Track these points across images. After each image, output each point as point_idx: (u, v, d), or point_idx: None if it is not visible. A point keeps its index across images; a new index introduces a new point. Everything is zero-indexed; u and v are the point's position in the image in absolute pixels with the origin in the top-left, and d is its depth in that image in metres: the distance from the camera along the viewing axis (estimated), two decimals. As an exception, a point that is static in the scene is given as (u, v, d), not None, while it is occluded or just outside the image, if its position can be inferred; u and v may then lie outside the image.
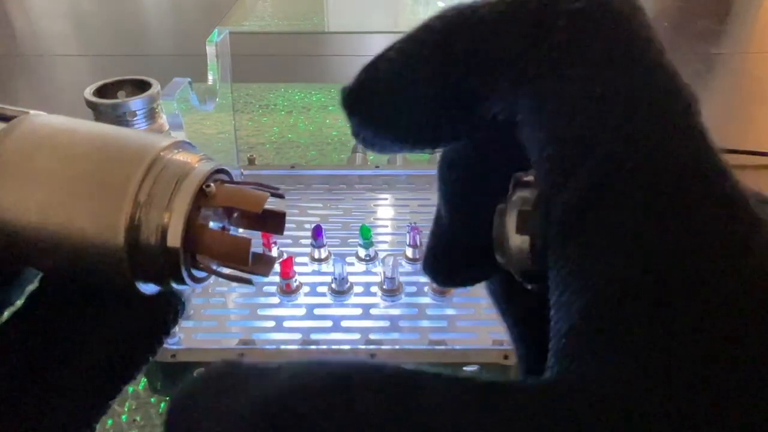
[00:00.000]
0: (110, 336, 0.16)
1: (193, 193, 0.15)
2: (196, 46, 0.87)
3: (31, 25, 1.69)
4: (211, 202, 0.15)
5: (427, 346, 0.52)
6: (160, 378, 0.46)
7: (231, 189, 0.16)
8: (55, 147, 0.15)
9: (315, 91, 1.05)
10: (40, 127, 0.16)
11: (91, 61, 1.40)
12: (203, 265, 0.16)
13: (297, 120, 0.96)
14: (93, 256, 0.15)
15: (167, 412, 0.11)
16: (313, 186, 0.70)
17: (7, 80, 1.28)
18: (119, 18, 1.71)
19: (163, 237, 0.15)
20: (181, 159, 0.15)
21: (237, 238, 0.16)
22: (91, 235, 0.15)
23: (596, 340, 0.09)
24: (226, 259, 0.16)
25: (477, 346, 0.51)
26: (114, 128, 0.16)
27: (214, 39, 0.80)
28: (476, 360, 0.49)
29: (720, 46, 1.48)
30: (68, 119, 0.16)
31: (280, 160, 0.85)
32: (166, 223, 0.15)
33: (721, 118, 1.07)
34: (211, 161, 0.16)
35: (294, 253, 0.58)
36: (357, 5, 1.06)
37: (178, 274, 0.15)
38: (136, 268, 0.15)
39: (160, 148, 0.15)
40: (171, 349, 0.45)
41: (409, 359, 0.49)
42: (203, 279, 0.16)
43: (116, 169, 0.15)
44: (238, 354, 0.45)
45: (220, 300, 0.54)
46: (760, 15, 1.71)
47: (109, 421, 0.47)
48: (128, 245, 0.15)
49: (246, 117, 0.97)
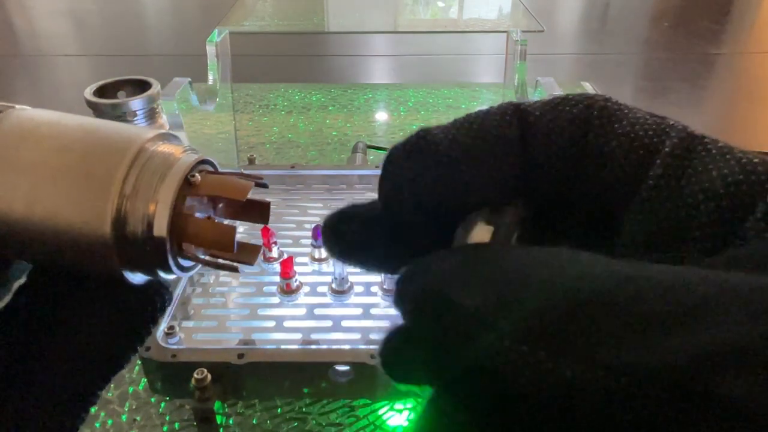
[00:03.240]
0: (98, 326, 0.16)
1: (178, 183, 0.15)
2: (196, 46, 0.87)
3: (31, 25, 1.69)
4: (196, 192, 0.15)
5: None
6: (160, 378, 0.46)
7: (216, 178, 0.16)
8: (40, 139, 0.15)
9: (315, 91, 1.05)
10: (25, 120, 0.16)
11: (91, 61, 1.40)
12: (189, 253, 0.16)
13: (297, 120, 0.96)
14: (80, 247, 0.15)
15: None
16: (313, 186, 0.70)
17: (7, 80, 1.28)
18: (119, 18, 1.71)
19: (149, 227, 0.15)
20: (165, 150, 0.16)
21: (222, 225, 0.16)
22: (78, 226, 0.15)
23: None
24: (211, 246, 0.16)
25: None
26: (99, 121, 0.16)
27: (214, 39, 0.80)
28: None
29: (720, 46, 1.48)
30: (54, 113, 0.16)
31: (280, 160, 0.85)
32: (152, 213, 0.15)
33: (721, 118, 1.07)
34: (195, 152, 0.16)
35: (294, 253, 0.58)
36: (357, 5, 1.06)
37: (165, 263, 0.15)
38: (123, 257, 0.15)
39: (145, 140, 0.15)
40: (171, 349, 0.45)
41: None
42: (190, 268, 0.17)
43: (102, 160, 0.15)
44: (238, 354, 0.45)
45: (220, 300, 0.54)
46: (760, 15, 1.71)
47: (109, 421, 0.47)
48: (115, 235, 0.15)
49: (246, 117, 0.97)
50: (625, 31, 1.70)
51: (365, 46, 1.48)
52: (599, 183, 0.13)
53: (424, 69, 1.41)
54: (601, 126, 0.13)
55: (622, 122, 0.13)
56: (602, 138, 0.13)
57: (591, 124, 0.14)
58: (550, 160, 0.14)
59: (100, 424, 0.47)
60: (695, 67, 1.30)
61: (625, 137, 0.13)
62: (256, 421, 0.47)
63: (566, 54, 1.53)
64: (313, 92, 1.05)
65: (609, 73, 1.35)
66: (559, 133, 0.14)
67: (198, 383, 0.43)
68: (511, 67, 0.85)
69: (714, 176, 0.12)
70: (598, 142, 0.13)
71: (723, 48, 1.45)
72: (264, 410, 0.48)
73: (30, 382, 0.15)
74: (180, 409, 0.48)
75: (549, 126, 0.14)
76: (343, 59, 1.38)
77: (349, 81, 1.25)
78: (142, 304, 0.17)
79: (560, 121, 0.14)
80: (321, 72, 1.30)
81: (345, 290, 0.55)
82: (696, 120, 1.09)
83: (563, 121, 0.14)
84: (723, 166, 0.12)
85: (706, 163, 0.12)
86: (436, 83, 1.11)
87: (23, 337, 0.16)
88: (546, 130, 0.14)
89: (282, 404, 0.48)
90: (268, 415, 0.47)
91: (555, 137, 0.14)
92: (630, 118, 0.13)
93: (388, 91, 1.10)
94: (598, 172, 0.13)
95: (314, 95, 1.04)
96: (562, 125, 0.14)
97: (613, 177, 0.13)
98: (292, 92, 1.05)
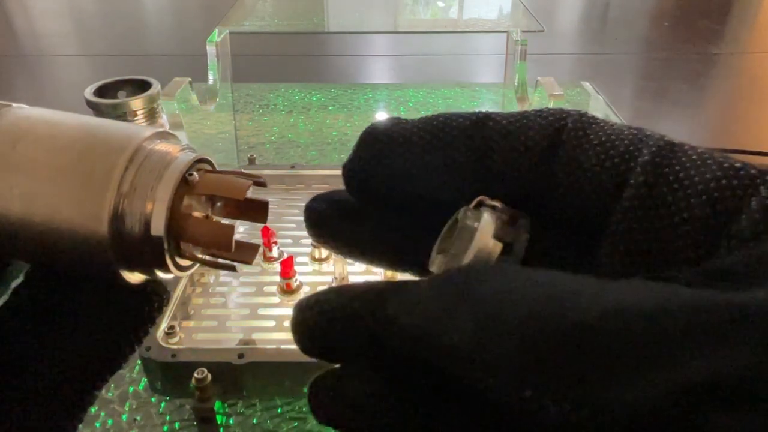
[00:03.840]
0: (95, 326, 0.16)
1: (175, 182, 0.15)
2: (196, 46, 0.87)
3: (31, 25, 1.69)
4: (193, 191, 0.15)
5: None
6: (160, 378, 0.46)
7: (213, 177, 0.16)
8: (38, 138, 0.15)
9: (315, 91, 1.05)
10: (23, 119, 0.16)
11: (91, 61, 1.40)
12: (187, 252, 0.16)
13: (297, 120, 0.96)
14: (77, 246, 0.15)
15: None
16: (313, 186, 0.70)
17: (7, 80, 1.28)
18: (119, 18, 1.71)
19: (146, 226, 0.15)
20: (163, 149, 0.15)
21: (220, 224, 0.16)
22: (75, 225, 0.15)
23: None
24: (209, 245, 0.16)
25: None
26: (97, 119, 0.16)
27: (214, 39, 0.80)
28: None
29: (720, 46, 1.48)
30: (51, 111, 0.16)
31: (280, 160, 0.85)
32: (150, 212, 0.15)
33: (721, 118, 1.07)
34: (193, 151, 0.16)
35: (294, 253, 0.58)
36: (357, 5, 1.06)
37: (163, 263, 0.15)
38: (120, 257, 0.15)
39: (143, 139, 0.15)
40: (171, 349, 0.45)
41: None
42: (188, 267, 0.17)
43: (99, 159, 0.15)
44: (238, 354, 0.45)
45: (220, 300, 0.54)
46: (760, 15, 1.71)
47: (109, 421, 0.47)
48: (112, 235, 0.15)
49: (246, 117, 0.97)
50: (625, 31, 1.70)
51: (365, 46, 1.48)
52: (574, 195, 0.13)
53: (424, 69, 1.41)
54: (576, 137, 0.13)
55: (597, 132, 0.13)
56: (577, 148, 0.13)
57: (564, 134, 0.13)
58: (513, 170, 0.13)
59: (100, 424, 0.47)
60: (695, 67, 1.30)
61: (600, 146, 0.13)
62: (256, 421, 0.47)
63: (566, 54, 1.53)
64: (313, 92, 1.05)
65: (609, 73, 1.35)
66: (524, 142, 0.13)
67: (198, 383, 0.43)
68: (511, 67, 0.85)
69: (696, 181, 0.12)
70: (572, 152, 0.13)
71: (723, 48, 1.45)
72: (264, 410, 0.48)
73: (27, 382, 0.15)
74: (180, 409, 0.48)
75: (514, 135, 0.13)
76: (343, 59, 1.39)
77: (349, 81, 1.25)
78: (139, 303, 0.17)
79: (528, 130, 0.13)
80: (321, 72, 1.30)
81: (345, 290, 0.55)
82: (696, 120, 1.09)
83: (531, 131, 0.13)
84: (705, 171, 0.12)
85: (688, 169, 0.12)
86: (436, 83, 1.11)
87: (20, 336, 0.16)
88: (510, 139, 0.13)
89: (282, 404, 0.48)
90: (268, 415, 0.47)
91: (520, 146, 0.13)
92: (605, 129, 0.13)
93: (388, 91, 1.10)
94: (573, 184, 0.13)
95: (314, 95, 1.04)
96: (530, 135, 0.13)
97: (589, 188, 0.13)
98: (292, 92, 1.05)
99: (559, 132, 0.13)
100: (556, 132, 0.13)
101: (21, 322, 0.16)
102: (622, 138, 0.13)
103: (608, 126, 0.13)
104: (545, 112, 0.14)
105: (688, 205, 0.12)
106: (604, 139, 0.13)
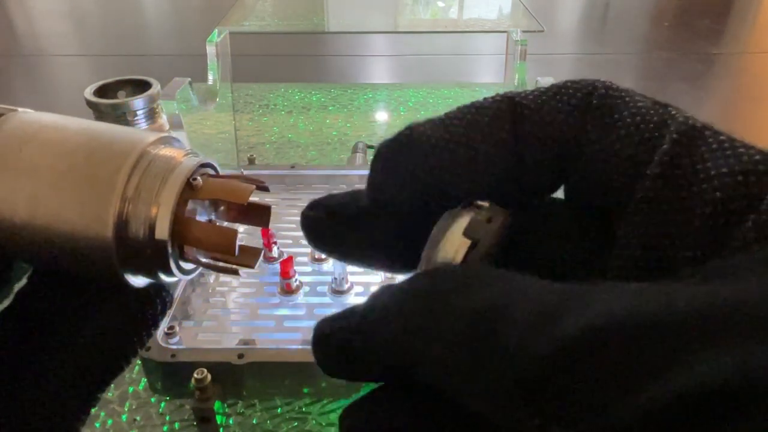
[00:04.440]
0: (99, 329, 0.16)
1: (179, 186, 0.15)
2: (196, 46, 0.87)
3: (31, 25, 1.69)
4: (197, 195, 0.15)
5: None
6: (160, 378, 0.46)
7: (217, 182, 0.16)
8: (43, 142, 0.15)
9: (315, 91, 1.05)
10: (28, 124, 0.16)
11: (91, 61, 1.40)
12: (191, 256, 0.16)
13: (297, 120, 0.96)
14: (82, 250, 0.15)
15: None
16: (313, 186, 0.70)
17: (7, 80, 1.28)
18: (119, 18, 1.71)
19: (151, 230, 0.15)
20: (167, 153, 0.16)
21: (223, 228, 0.16)
22: (80, 229, 0.15)
23: None
24: (213, 249, 0.16)
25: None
26: (101, 124, 0.16)
27: (214, 39, 0.80)
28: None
29: (720, 46, 1.48)
30: (56, 116, 0.16)
31: (280, 160, 0.85)
32: (154, 217, 0.15)
33: (721, 118, 1.07)
34: (197, 155, 0.16)
35: (294, 253, 0.58)
36: (357, 5, 1.06)
37: (167, 266, 0.15)
38: (124, 260, 0.15)
39: (147, 143, 0.15)
40: (171, 349, 0.45)
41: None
42: (191, 271, 0.17)
43: (104, 163, 0.15)
44: (238, 354, 0.45)
45: (221, 300, 0.54)
46: (760, 15, 1.71)
47: (109, 421, 0.47)
48: (117, 238, 0.15)
49: (246, 117, 0.97)
50: (626, 31, 1.70)
51: (365, 46, 1.48)
52: (595, 183, 0.13)
53: (424, 69, 1.41)
54: (601, 117, 0.13)
55: (622, 113, 0.13)
56: (600, 131, 0.13)
57: (589, 116, 0.13)
58: (543, 157, 0.13)
59: (100, 424, 0.47)
60: (695, 67, 1.30)
61: (624, 130, 0.13)
62: (256, 421, 0.47)
63: (566, 54, 1.53)
64: (313, 92, 1.05)
65: (609, 73, 1.35)
66: (554, 129, 0.13)
67: (198, 383, 0.43)
68: (511, 67, 0.85)
69: (712, 176, 0.11)
70: (595, 136, 0.13)
71: (723, 48, 1.45)
72: (264, 410, 0.48)
73: (30, 385, 0.15)
74: (180, 409, 0.48)
75: (544, 120, 0.13)
76: (343, 59, 1.39)
77: (349, 81, 1.25)
78: (143, 306, 0.17)
79: (556, 114, 0.13)
80: (321, 72, 1.30)
81: (345, 290, 0.55)
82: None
83: (559, 115, 0.13)
84: (722, 165, 0.11)
85: (705, 161, 0.12)
86: (436, 83, 1.11)
87: (24, 339, 0.16)
88: (541, 125, 0.13)
89: (282, 404, 0.48)
90: (268, 415, 0.47)
91: (550, 134, 0.13)
92: (631, 109, 0.13)
93: (388, 91, 1.10)
94: (594, 171, 0.13)
95: (314, 95, 1.04)
96: (558, 119, 0.13)
97: (610, 176, 0.13)
98: (292, 92, 1.05)
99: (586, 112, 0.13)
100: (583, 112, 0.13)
101: (25, 325, 0.16)
102: (647, 120, 0.13)
103: (633, 104, 0.13)
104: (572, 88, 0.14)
105: (700, 203, 0.11)
106: (629, 121, 0.13)
